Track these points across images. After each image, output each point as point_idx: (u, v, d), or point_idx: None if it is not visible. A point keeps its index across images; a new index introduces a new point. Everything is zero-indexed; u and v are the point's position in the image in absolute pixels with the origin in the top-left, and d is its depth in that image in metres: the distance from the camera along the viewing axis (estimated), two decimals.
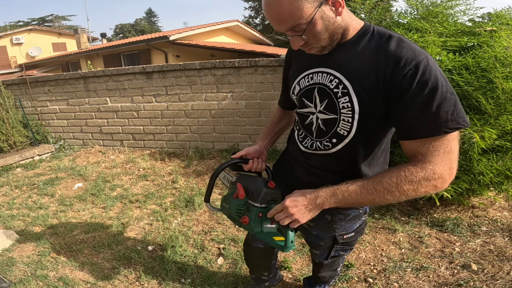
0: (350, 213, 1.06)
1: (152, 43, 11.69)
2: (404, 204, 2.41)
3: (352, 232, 1.12)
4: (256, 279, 1.57)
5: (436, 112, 0.74)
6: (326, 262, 1.24)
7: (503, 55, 1.82)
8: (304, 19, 0.75)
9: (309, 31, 0.78)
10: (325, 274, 1.42)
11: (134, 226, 2.37)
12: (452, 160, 0.77)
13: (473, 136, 1.74)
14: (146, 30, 37.45)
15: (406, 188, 0.78)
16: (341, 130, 0.88)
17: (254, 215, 0.96)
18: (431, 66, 0.74)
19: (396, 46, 0.78)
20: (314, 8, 0.74)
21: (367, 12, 2.92)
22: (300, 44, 0.82)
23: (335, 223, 1.08)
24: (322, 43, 0.82)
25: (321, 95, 0.89)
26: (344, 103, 0.84)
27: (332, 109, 0.87)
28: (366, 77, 0.80)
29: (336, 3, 0.76)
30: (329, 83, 0.86)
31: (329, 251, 1.17)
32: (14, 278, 1.84)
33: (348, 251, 1.21)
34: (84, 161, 3.99)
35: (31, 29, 20.21)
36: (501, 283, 1.55)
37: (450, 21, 2.29)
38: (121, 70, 3.98)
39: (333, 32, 0.80)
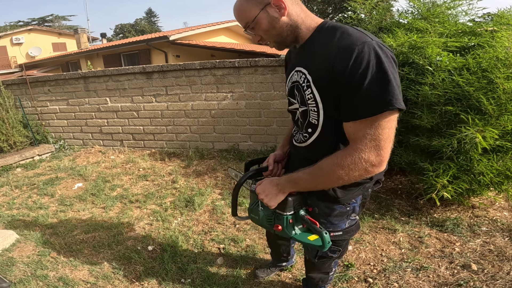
0: (335, 208, 1.07)
1: (152, 43, 11.69)
2: (404, 204, 2.41)
3: (340, 231, 1.12)
4: (275, 259, 1.73)
5: (365, 96, 0.77)
6: (315, 261, 1.26)
7: (504, 55, 1.82)
8: (251, 18, 0.92)
9: (258, 29, 0.94)
10: (314, 275, 1.42)
11: (134, 226, 2.37)
12: (382, 147, 0.80)
13: (476, 136, 1.74)
14: (146, 30, 37.46)
15: (340, 173, 0.85)
16: (313, 119, 0.97)
17: (285, 223, 1.03)
18: (365, 52, 0.77)
19: (339, 37, 0.85)
20: (259, 10, 0.90)
21: (367, 12, 2.92)
22: (257, 39, 0.97)
23: (322, 217, 1.09)
24: (274, 38, 0.96)
25: (297, 91, 1.00)
26: (308, 95, 0.94)
27: (303, 101, 0.98)
28: (320, 69, 0.89)
29: (279, 7, 0.90)
30: (299, 79, 0.98)
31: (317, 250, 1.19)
32: (14, 278, 1.84)
33: (336, 253, 1.20)
34: (84, 161, 3.98)
35: (31, 29, 20.22)
36: (501, 283, 1.55)
37: (451, 21, 2.29)
38: (121, 70, 3.98)
39: (280, 30, 0.93)
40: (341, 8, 12.93)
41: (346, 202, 1.05)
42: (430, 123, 2.05)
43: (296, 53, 1.03)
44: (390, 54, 0.81)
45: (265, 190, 1.00)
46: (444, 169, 1.98)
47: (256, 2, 0.91)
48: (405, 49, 2.11)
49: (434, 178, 1.97)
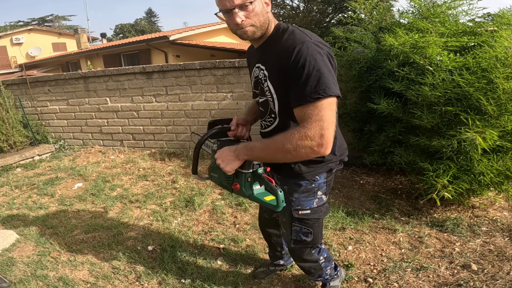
0: (301, 183, 1.18)
1: (152, 43, 11.69)
2: (404, 204, 2.41)
3: (308, 209, 1.21)
4: (272, 256, 1.74)
5: (303, 86, 0.93)
6: (292, 247, 1.31)
7: (504, 55, 1.82)
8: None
9: (251, 10, 1.00)
10: (302, 265, 1.42)
11: (134, 226, 2.37)
12: (323, 127, 0.92)
13: (475, 138, 1.74)
14: (146, 30, 37.44)
15: (288, 147, 0.94)
16: (273, 107, 1.11)
17: (243, 180, 1.08)
18: (304, 50, 0.94)
19: (287, 37, 1.02)
20: None
21: (367, 12, 2.92)
22: (241, 20, 1.00)
23: (291, 194, 1.20)
24: (257, 23, 1.03)
25: (258, 84, 1.16)
26: (266, 87, 1.10)
27: (262, 93, 1.14)
28: (273, 66, 1.05)
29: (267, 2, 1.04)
30: (259, 74, 1.13)
31: (291, 229, 1.25)
32: (14, 278, 1.84)
33: (309, 236, 1.24)
34: (84, 161, 3.98)
35: (31, 29, 20.22)
36: (501, 283, 1.55)
37: (451, 20, 2.29)
38: (121, 70, 3.98)
39: (264, 19, 1.04)
40: (341, 8, 12.91)
41: (310, 178, 1.17)
42: (430, 123, 2.05)
43: (255, 52, 1.17)
44: (326, 50, 0.98)
45: (222, 155, 1.06)
46: (444, 169, 1.98)
47: None
48: (406, 49, 2.11)
49: (434, 178, 1.97)
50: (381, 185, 2.77)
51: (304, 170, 1.15)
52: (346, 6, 7.06)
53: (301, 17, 13.46)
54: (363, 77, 2.63)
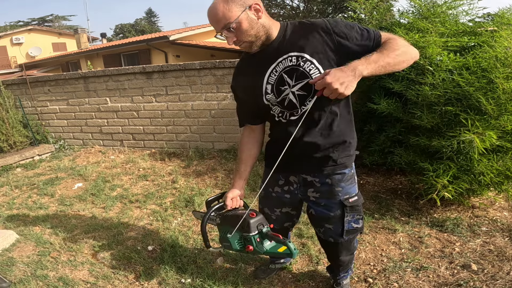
0: (345, 172, 1.23)
1: (152, 43, 11.69)
2: (404, 204, 2.41)
3: (355, 195, 1.26)
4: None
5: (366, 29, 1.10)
6: (343, 240, 1.32)
7: (504, 55, 1.82)
8: (233, 19, 1.01)
9: (237, 29, 1.03)
10: (344, 258, 1.42)
11: (134, 226, 2.37)
12: None
13: (474, 139, 1.74)
14: (146, 30, 37.43)
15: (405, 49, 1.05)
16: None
17: (254, 242, 1.18)
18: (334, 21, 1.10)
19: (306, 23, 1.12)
20: (241, 11, 1.01)
21: (367, 12, 2.92)
22: (232, 40, 1.06)
23: (336, 186, 1.23)
24: (250, 38, 1.07)
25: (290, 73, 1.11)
26: (309, 67, 1.09)
27: (303, 76, 1.10)
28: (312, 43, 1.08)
29: (257, 10, 1.04)
30: (290, 62, 1.11)
31: (342, 222, 1.27)
32: (14, 278, 1.84)
33: (360, 222, 1.29)
34: (84, 161, 3.98)
35: (31, 29, 20.22)
36: (501, 283, 1.55)
37: (451, 20, 2.29)
38: (121, 70, 3.98)
39: (257, 30, 1.06)
40: (341, 8, 12.92)
41: (350, 165, 1.24)
42: (430, 123, 2.05)
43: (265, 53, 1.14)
44: None
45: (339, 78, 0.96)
46: (444, 169, 1.98)
47: (238, 4, 1.01)
48: None
49: (434, 178, 1.97)
50: (381, 185, 2.77)
51: (345, 159, 1.22)
52: (346, 6, 7.06)
53: (301, 17, 13.47)
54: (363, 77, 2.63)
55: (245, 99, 1.28)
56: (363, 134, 2.74)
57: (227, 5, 1.01)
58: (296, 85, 1.12)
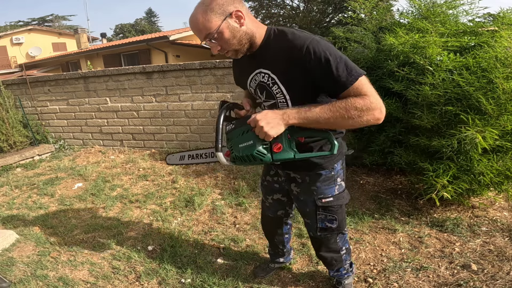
0: (321, 173, 1.23)
1: (152, 43, 11.69)
2: (404, 204, 2.41)
3: (330, 197, 1.26)
4: (273, 254, 1.76)
5: (338, 75, 0.96)
6: (318, 236, 1.36)
7: (504, 55, 1.82)
8: (214, 29, 0.99)
9: (219, 38, 1.01)
10: (325, 255, 1.45)
11: (134, 226, 2.37)
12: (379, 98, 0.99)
13: (476, 136, 1.74)
14: (146, 30, 37.42)
15: (353, 113, 0.96)
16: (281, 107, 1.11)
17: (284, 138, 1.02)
18: (318, 46, 0.97)
19: (290, 38, 1.01)
20: (221, 20, 0.99)
21: (367, 12, 2.92)
22: (217, 49, 1.05)
23: (313, 184, 1.25)
24: (234, 47, 1.05)
25: (262, 89, 1.15)
26: (276, 90, 1.10)
27: (270, 96, 1.13)
28: (283, 67, 1.05)
29: (239, 17, 1.01)
30: (263, 79, 1.12)
31: (315, 218, 1.30)
32: (14, 278, 1.84)
33: (334, 223, 1.30)
34: (84, 161, 3.98)
35: (31, 29, 20.19)
36: (501, 283, 1.55)
37: (451, 20, 2.29)
38: (121, 70, 3.98)
39: (240, 38, 1.03)
40: (341, 8, 12.91)
41: (329, 167, 1.22)
42: (430, 123, 2.05)
43: (248, 59, 1.13)
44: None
45: (267, 118, 0.99)
46: (444, 169, 1.98)
47: (217, 13, 0.98)
48: (406, 49, 2.11)
49: (434, 178, 1.97)
50: (381, 185, 2.77)
51: (324, 161, 1.20)
52: (346, 6, 7.05)
53: (301, 17, 13.46)
54: None
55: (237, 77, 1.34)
56: (363, 134, 2.74)
57: (206, 16, 0.98)
58: (266, 101, 1.18)
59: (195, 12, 1.01)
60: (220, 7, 0.99)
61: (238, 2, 1.02)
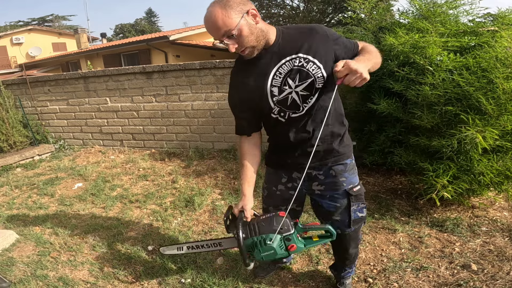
0: (347, 162, 1.29)
1: (152, 43, 11.68)
2: (404, 204, 2.41)
3: (358, 184, 1.31)
4: None
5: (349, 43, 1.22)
6: (350, 231, 1.35)
7: (504, 55, 1.82)
8: (234, 25, 1.01)
9: (239, 35, 1.04)
10: (352, 251, 1.45)
11: (134, 226, 2.37)
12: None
13: (476, 136, 1.74)
14: (146, 30, 37.41)
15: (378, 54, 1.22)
16: (319, 84, 1.16)
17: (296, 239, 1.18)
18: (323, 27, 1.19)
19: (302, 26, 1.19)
20: (240, 17, 1.02)
21: (367, 12, 2.92)
22: (235, 46, 1.06)
23: (340, 176, 1.28)
24: (251, 43, 1.07)
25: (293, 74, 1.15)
26: (311, 67, 1.14)
27: (307, 76, 1.15)
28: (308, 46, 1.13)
29: (254, 15, 1.06)
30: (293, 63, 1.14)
31: (348, 212, 1.31)
32: (14, 278, 1.84)
33: (364, 211, 1.34)
34: (84, 161, 3.98)
35: (31, 29, 20.19)
36: (501, 283, 1.55)
37: (452, 20, 2.29)
38: (121, 70, 3.98)
39: (257, 35, 1.08)
40: (341, 8, 12.91)
41: (351, 155, 1.31)
42: (430, 123, 2.05)
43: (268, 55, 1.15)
44: None
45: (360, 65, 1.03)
46: (444, 169, 1.98)
47: (236, 10, 1.02)
48: (406, 49, 2.11)
49: (434, 178, 1.97)
50: (381, 185, 2.77)
51: (347, 150, 1.29)
52: (346, 6, 7.06)
53: (301, 17, 13.47)
54: None
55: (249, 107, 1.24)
56: (363, 134, 2.74)
57: (226, 12, 1.00)
58: (299, 85, 1.16)
59: (213, 9, 1.02)
60: (238, 5, 1.02)
61: (250, 3, 1.08)
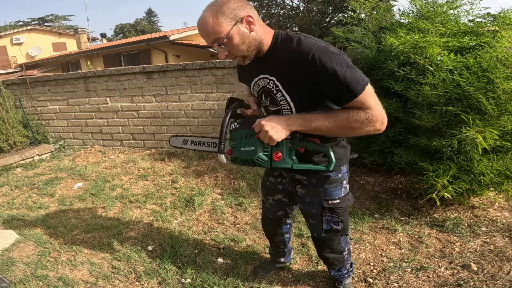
0: (329, 175, 1.23)
1: (152, 43, 11.69)
2: (404, 204, 2.41)
3: (337, 199, 1.27)
4: (274, 254, 1.76)
5: (346, 86, 0.96)
6: (323, 237, 1.36)
7: (504, 55, 1.82)
8: (224, 34, 0.97)
9: (228, 44, 0.99)
10: (328, 255, 1.45)
11: (134, 226, 2.37)
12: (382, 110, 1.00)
13: (476, 136, 1.74)
14: (146, 30, 37.41)
15: (354, 125, 0.99)
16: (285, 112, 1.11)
17: (285, 147, 1.03)
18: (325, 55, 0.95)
19: (296, 46, 1.00)
20: (231, 25, 0.96)
21: (367, 12, 2.92)
22: (224, 54, 1.03)
23: (320, 186, 1.25)
24: (242, 53, 1.03)
25: (266, 94, 1.14)
26: (280, 97, 1.09)
27: (274, 103, 1.13)
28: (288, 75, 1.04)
29: (249, 22, 0.99)
30: (267, 84, 1.11)
31: (321, 219, 1.31)
32: (14, 278, 1.84)
33: (339, 225, 1.31)
34: (84, 161, 3.98)
35: (31, 29, 20.18)
36: (501, 283, 1.55)
37: (452, 20, 2.28)
38: (121, 70, 3.98)
39: (249, 44, 1.02)
40: (341, 8, 12.91)
41: (337, 169, 1.22)
42: (430, 123, 2.05)
43: (254, 63, 1.10)
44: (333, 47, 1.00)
45: (271, 123, 0.99)
46: (444, 169, 1.98)
47: (228, 18, 0.96)
48: (407, 49, 2.11)
49: (434, 178, 1.97)
50: (381, 185, 2.77)
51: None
52: (346, 6, 7.06)
53: (301, 17, 13.46)
54: None
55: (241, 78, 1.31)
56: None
57: (217, 19, 0.95)
58: (270, 107, 1.17)
59: (205, 14, 0.97)
60: (231, 11, 0.96)
61: (249, 7, 1.00)
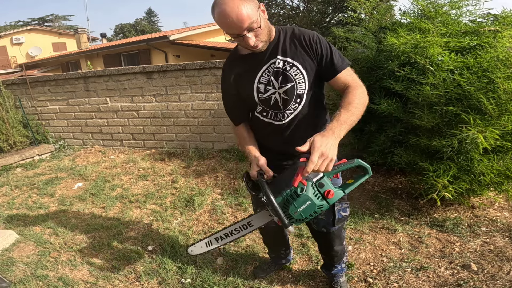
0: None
1: (152, 43, 11.69)
2: (404, 204, 2.40)
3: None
4: (274, 257, 1.76)
5: (338, 58, 1.18)
6: (334, 230, 1.38)
7: (505, 55, 1.82)
8: (257, 18, 1.05)
9: (259, 28, 1.07)
10: (337, 248, 1.47)
11: (134, 226, 2.37)
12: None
13: (477, 136, 1.74)
14: (146, 30, 37.40)
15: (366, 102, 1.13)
16: (300, 90, 1.21)
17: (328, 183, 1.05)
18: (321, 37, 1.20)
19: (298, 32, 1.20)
20: (257, 11, 1.06)
21: (368, 12, 2.92)
22: (253, 40, 1.08)
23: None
24: (266, 37, 1.13)
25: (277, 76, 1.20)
26: (294, 72, 1.19)
27: (288, 80, 1.19)
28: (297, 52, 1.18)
29: (263, 10, 1.11)
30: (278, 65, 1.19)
31: (333, 212, 1.33)
32: (14, 278, 1.84)
33: (347, 210, 1.37)
34: (84, 161, 3.98)
35: (31, 29, 20.20)
36: (501, 283, 1.55)
37: (454, 21, 2.28)
38: (121, 70, 3.98)
39: (269, 29, 1.14)
40: (341, 8, 12.91)
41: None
42: (431, 123, 2.05)
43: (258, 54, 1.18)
44: None
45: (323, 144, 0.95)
46: (445, 169, 1.98)
47: (253, 4, 1.05)
48: (407, 49, 2.11)
49: (435, 178, 1.96)
50: (381, 185, 2.77)
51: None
52: (346, 6, 7.06)
53: (301, 17, 13.46)
54: (364, 78, 2.60)
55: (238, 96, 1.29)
56: (363, 134, 2.74)
57: (248, 5, 1.01)
58: (281, 88, 1.21)
59: (233, 3, 0.99)
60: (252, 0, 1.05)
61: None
